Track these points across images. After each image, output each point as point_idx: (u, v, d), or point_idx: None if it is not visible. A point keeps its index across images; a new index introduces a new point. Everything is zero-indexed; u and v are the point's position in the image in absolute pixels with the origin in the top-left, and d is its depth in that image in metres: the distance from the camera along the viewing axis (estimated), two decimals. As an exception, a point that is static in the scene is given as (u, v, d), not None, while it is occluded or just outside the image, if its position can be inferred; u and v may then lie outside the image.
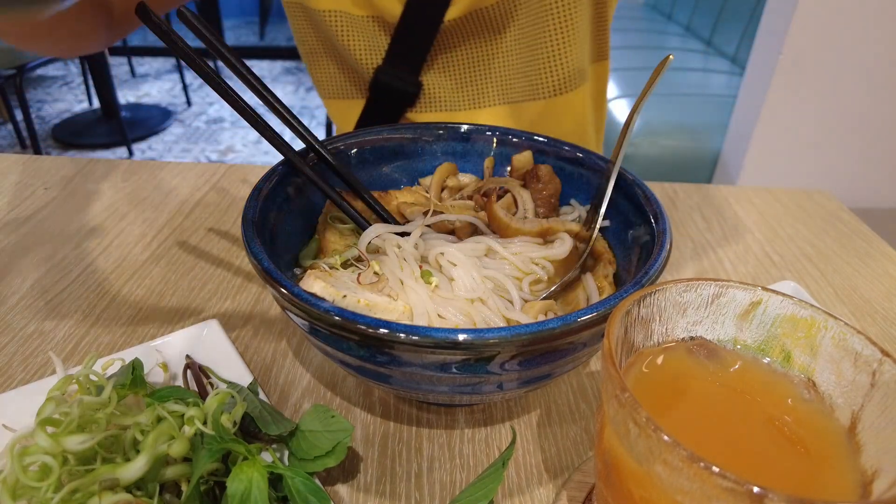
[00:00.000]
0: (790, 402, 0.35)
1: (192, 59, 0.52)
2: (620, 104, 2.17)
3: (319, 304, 0.39)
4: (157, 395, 0.44)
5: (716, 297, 0.37)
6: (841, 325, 0.34)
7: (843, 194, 1.35)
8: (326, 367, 0.56)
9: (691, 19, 2.95)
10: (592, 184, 0.60)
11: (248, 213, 0.48)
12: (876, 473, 0.31)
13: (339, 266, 0.50)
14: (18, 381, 0.53)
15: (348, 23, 0.84)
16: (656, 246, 0.47)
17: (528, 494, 0.46)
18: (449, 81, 0.87)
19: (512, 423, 0.51)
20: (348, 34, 0.85)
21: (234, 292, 0.65)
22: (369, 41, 0.85)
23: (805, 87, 1.75)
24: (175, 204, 0.80)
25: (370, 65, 0.86)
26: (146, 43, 4.75)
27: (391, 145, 0.64)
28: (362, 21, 0.83)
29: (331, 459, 0.41)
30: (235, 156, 3.43)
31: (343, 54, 0.88)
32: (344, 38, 0.85)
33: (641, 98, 0.53)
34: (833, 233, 0.82)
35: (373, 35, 0.85)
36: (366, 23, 0.84)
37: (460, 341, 0.37)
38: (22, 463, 0.35)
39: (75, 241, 0.72)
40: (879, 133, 1.84)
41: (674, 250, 0.76)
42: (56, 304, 0.62)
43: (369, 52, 0.85)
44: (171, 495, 0.39)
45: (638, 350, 0.36)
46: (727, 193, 0.90)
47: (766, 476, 0.31)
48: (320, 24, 0.86)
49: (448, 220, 0.57)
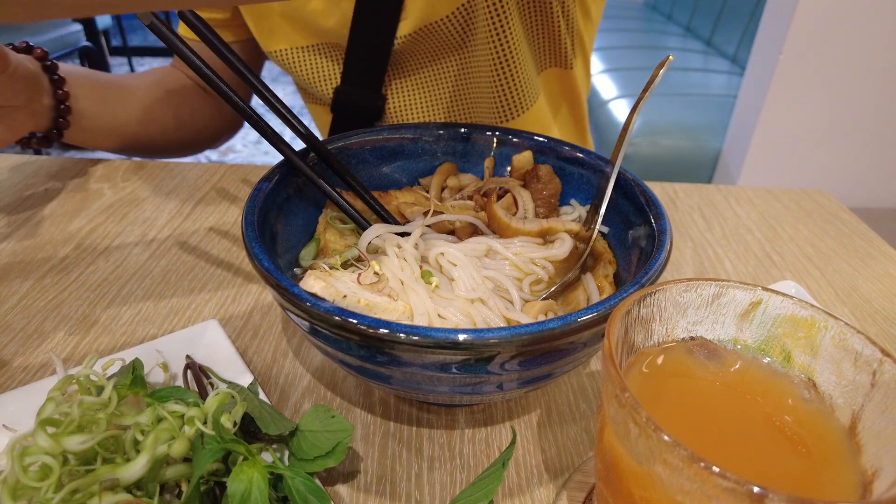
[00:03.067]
0: (790, 402, 0.35)
1: (192, 60, 0.52)
2: (620, 104, 2.17)
3: (320, 304, 0.39)
4: (157, 395, 0.44)
5: (716, 297, 0.37)
6: (841, 325, 0.34)
7: (843, 194, 1.35)
8: (326, 367, 0.56)
9: (691, 19, 2.95)
10: (592, 184, 0.60)
11: (249, 213, 0.48)
12: (876, 473, 0.31)
13: (339, 266, 0.50)
14: (18, 381, 0.53)
15: (300, 57, 0.84)
16: (656, 246, 0.47)
17: (528, 494, 0.46)
18: (418, 99, 0.86)
19: (512, 423, 0.51)
20: (303, 67, 0.85)
21: (234, 292, 0.65)
22: (324, 69, 0.85)
23: (805, 87, 1.75)
24: (175, 204, 0.80)
25: (328, 91, 0.86)
26: (146, 43, 4.75)
27: (391, 145, 0.64)
28: (312, 51, 0.84)
29: (331, 459, 0.41)
30: (235, 156, 3.43)
31: (306, 88, 0.88)
32: (301, 71, 0.85)
33: (641, 98, 0.53)
34: (833, 233, 0.82)
35: (326, 63, 0.84)
36: (316, 52, 0.84)
37: (460, 341, 0.37)
38: (22, 463, 0.35)
39: (75, 241, 0.72)
40: (879, 133, 1.84)
41: (674, 250, 0.76)
42: (56, 304, 0.62)
43: (327, 80, 0.85)
44: (171, 495, 0.39)
45: (638, 350, 0.36)
46: (727, 193, 0.90)
47: (766, 476, 0.31)
48: (279, 64, 0.87)
49: (448, 221, 0.57)
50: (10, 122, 0.69)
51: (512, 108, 0.83)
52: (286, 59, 0.85)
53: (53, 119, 0.76)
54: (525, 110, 0.84)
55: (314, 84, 0.86)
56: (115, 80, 0.86)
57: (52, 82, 0.74)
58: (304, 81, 0.87)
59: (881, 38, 1.68)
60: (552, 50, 0.85)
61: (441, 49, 0.80)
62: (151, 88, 0.89)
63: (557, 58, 0.87)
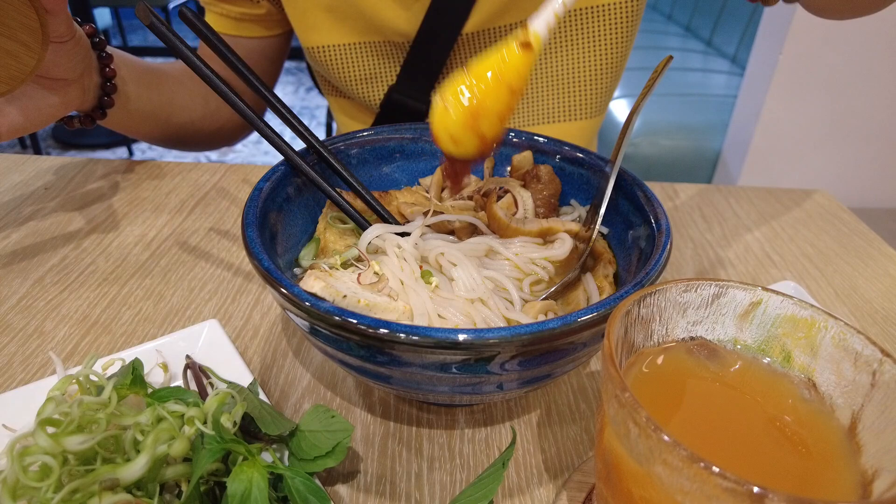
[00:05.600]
0: (790, 402, 0.35)
1: (192, 60, 0.52)
2: (620, 104, 2.17)
3: (320, 304, 0.39)
4: (157, 395, 0.44)
5: (716, 297, 0.37)
6: (841, 325, 0.34)
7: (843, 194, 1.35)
8: (326, 367, 0.56)
9: (691, 19, 2.95)
10: (592, 184, 0.60)
11: (249, 213, 0.48)
12: (876, 473, 0.31)
13: (339, 266, 0.50)
14: (18, 381, 0.53)
15: (348, 54, 0.84)
16: (656, 246, 0.47)
17: (528, 494, 0.46)
18: None
19: (512, 423, 0.51)
20: (350, 65, 0.84)
21: (234, 292, 0.65)
22: (376, 67, 0.84)
23: (805, 87, 1.75)
24: (175, 204, 0.80)
25: (372, 95, 0.85)
26: (146, 43, 4.75)
27: (391, 145, 0.64)
28: (365, 48, 0.83)
29: (331, 459, 0.41)
30: (235, 156, 3.43)
31: (342, 87, 0.88)
32: (346, 69, 0.85)
33: (641, 98, 0.53)
34: (833, 233, 0.82)
35: (379, 61, 0.84)
36: (369, 50, 0.83)
37: (460, 341, 0.37)
38: (22, 463, 0.35)
39: (75, 241, 0.72)
40: (879, 133, 1.84)
41: (674, 250, 0.76)
42: (56, 304, 0.62)
43: (378, 78, 0.85)
44: (171, 495, 0.39)
45: (638, 350, 0.36)
46: (727, 193, 0.90)
47: (767, 476, 0.31)
48: (315, 62, 0.86)
49: (448, 221, 0.57)
50: (64, 95, 0.66)
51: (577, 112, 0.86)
52: (328, 57, 0.84)
53: (99, 98, 0.73)
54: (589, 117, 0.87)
55: (359, 83, 0.85)
56: (151, 64, 0.85)
57: (99, 59, 0.72)
58: (348, 79, 0.86)
59: (881, 39, 1.68)
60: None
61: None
62: (183, 75, 0.88)
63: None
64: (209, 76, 0.52)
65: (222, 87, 0.53)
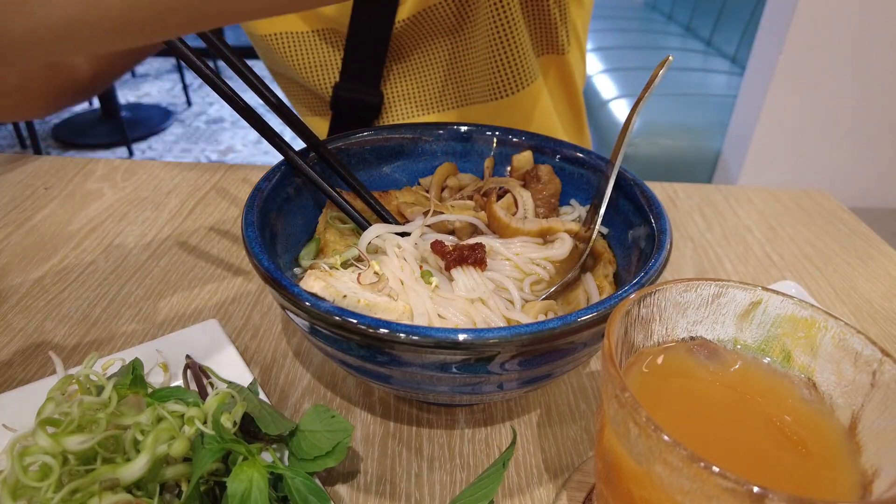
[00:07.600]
0: (790, 402, 0.35)
1: (192, 60, 0.52)
2: (620, 104, 2.17)
3: (320, 304, 0.39)
4: (157, 395, 0.44)
5: (716, 297, 0.37)
6: (841, 325, 0.34)
7: (843, 194, 1.35)
8: (326, 367, 0.56)
9: (691, 19, 2.95)
10: (592, 184, 0.60)
11: (249, 213, 0.48)
12: (876, 473, 0.31)
13: (339, 266, 0.50)
14: (18, 381, 0.53)
15: (295, 43, 0.83)
16: (656, 246, 0.47)
17: (528, 494, 0.46)
18: (411, 88, 0.86)
19: (512, 423, 0.51)
20: (297, 55, 0.84)
21: (234, 292, 0.65)
22: (320, 58, 0.84)
23: (805, 87, 1.75)
24: (175, 204, 0.80)
25: (325, 83, 0.85)
26: (146, 43, 4.74)
27: (391, 145, 0.64)
28: (310, 37, 0.82)
29: (331, 459, 0.41)
30: (235, 156, 3.43)
31: (296, 77, 0.87)
32: (293, 59, 0.84)
33: (641, 98, 0.53)
34: (833, 233, 0.82)
35: (323, 51, 0.83)
36: (313, 38, 0.83)
37: (460, 341, 0.37)
38: (22, 463, 0.35)
39: (75, 241, 0.72)
40: (879, 133, 1.84)
41: (674, 250, 0.76)
42: (56, 304, 0.62)
43: (322, 70, 0.84)
44: (171, 495, 0.39)
45: (638, 350, 0.36)
46: (727, 193, 0.90)
47: (767, 476, 0.31)
48: (269, 50, 0.85)
49: (448, 221, 0.57)
50: None
51: (510, 84, 0.83)
52: (281, 45, 0.83)
53: None
54: (523, 87, 0.84)
55: (311, 74, 0.85)
56: None
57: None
58: (302, 70, 0.85)
59: (881, 38, 1.68)
60: (546, 35, 0.86)
61: (436, 32, 0.80)
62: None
63: (552, 44, 0.87)
64: (209, 76, 0.52)
65: (223, 87, 0.53)
